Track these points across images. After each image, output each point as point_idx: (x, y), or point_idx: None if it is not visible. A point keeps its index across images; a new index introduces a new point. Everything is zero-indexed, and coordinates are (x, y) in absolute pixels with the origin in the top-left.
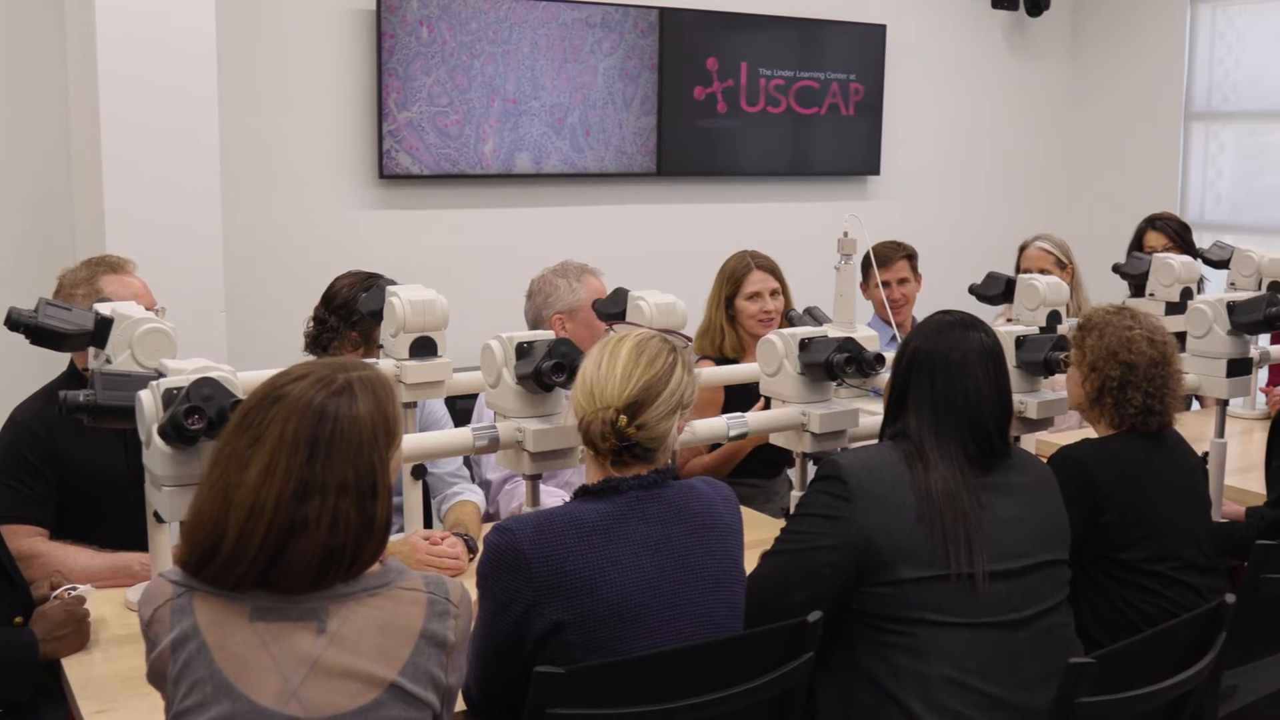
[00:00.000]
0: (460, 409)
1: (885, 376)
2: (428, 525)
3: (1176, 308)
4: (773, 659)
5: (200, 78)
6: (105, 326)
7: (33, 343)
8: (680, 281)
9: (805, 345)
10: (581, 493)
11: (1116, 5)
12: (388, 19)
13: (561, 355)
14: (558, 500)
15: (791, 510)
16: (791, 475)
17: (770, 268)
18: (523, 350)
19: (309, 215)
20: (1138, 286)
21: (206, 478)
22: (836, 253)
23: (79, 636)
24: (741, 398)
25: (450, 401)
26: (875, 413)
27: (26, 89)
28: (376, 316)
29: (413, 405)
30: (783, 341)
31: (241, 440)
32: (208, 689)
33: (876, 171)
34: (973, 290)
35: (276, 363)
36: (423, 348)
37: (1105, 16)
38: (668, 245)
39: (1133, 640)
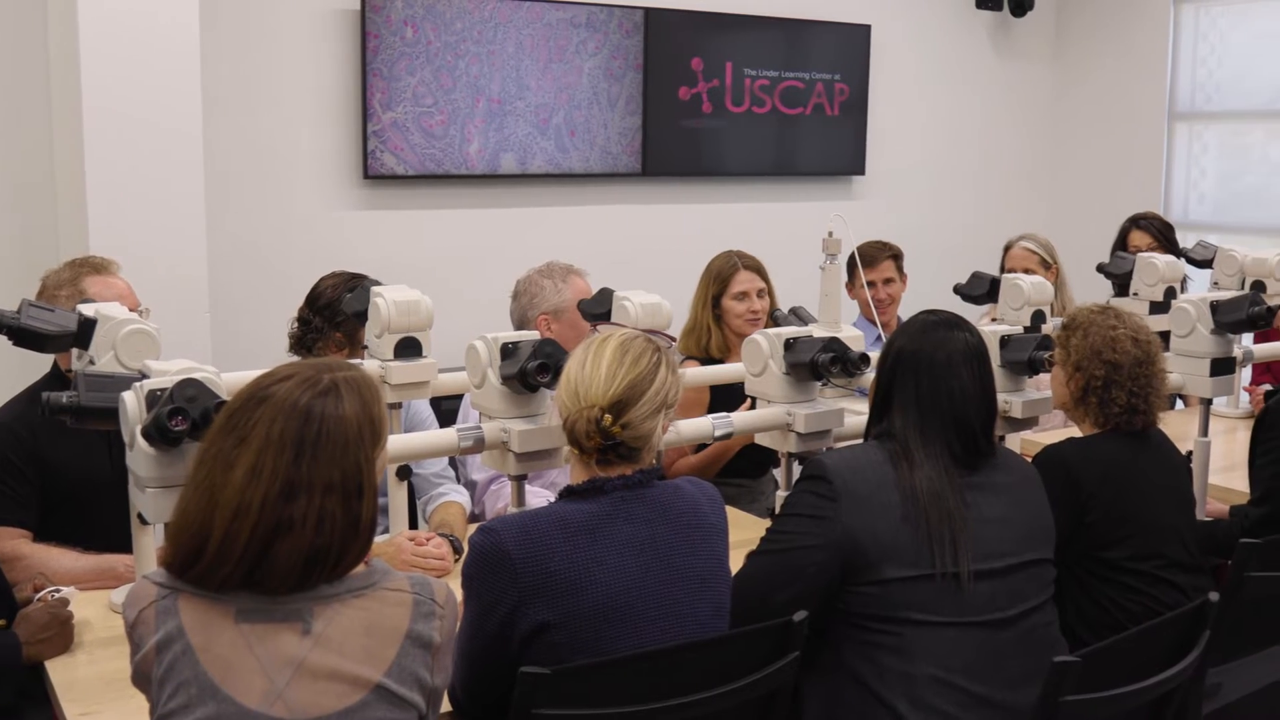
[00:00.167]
0: (445, 410)
1: (870, 376)
2: (413, 526)
3: (1160, 307)
4: (758, 659)
5: (184, 77)
6: (89, 327)
7: (15, 344)
8: (665, 282)
9: (790, 345)
10: (567, 493)
11: (1100, 5)
12: (372, 19)
13: (546, 356)
14: (543, 501)
15: (777, 510)
16: (777, 475)
17: (756, 268)
18: (508, 351)
19: (294, 216)
20: (1122, 286)
21: (191, 478)
22: (822, 252)
23: (63, 639)
24: (727, 398)
25: (435, 402)
26: (860, 412)
27: (8, 87)
28: (361, 317)
29: (398, 406)
30: (768, 341)
31: (227, 441)
32: (193, 691)
33: (861, 171)
34: (957, 290)
35: (261, 364)
36: (407, 348)
37: (1089, 17)
38: (653, 245)
39: (1117, 639)
